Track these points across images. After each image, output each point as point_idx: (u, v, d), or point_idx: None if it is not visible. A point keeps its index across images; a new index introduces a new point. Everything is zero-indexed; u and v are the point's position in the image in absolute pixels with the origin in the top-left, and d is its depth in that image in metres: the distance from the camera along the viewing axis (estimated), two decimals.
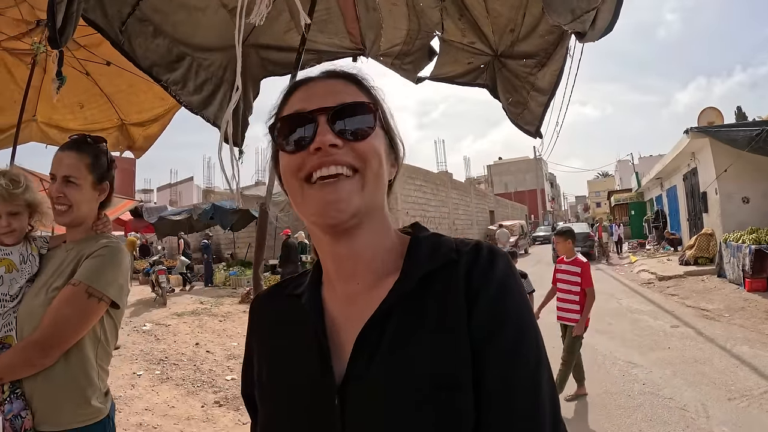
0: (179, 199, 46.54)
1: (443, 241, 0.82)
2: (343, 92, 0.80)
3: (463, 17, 2.92)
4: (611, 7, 1.90)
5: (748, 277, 10.29)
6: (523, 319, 0.73)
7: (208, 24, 2.81)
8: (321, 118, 0.76)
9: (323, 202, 0.75)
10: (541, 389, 0.69)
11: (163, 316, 10.46)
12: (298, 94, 0.82)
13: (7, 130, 3.72)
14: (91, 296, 1.65)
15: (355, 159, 0.76)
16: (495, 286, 0.73)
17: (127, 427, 4.75)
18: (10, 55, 3.38)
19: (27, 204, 1.88)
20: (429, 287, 0.75)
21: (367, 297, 0.79)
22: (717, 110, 16.88)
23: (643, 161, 47.88)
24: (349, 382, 0.73)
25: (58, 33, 1.75)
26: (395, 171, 0.86)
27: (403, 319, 0.74)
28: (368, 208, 0.78)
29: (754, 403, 4.79)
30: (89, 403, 1.66)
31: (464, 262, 0.76)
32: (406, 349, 0.71)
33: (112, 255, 1.76)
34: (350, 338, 0.76)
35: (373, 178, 0.77)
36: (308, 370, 0.77)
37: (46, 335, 1.60)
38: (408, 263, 0.79)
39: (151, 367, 6.91)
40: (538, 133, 3.18)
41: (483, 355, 0.69)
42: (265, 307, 0.94)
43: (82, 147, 1.83)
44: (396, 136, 0.85)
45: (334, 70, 0.84)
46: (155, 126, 4.02)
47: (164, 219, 18.91)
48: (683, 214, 19.16)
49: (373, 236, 0.81)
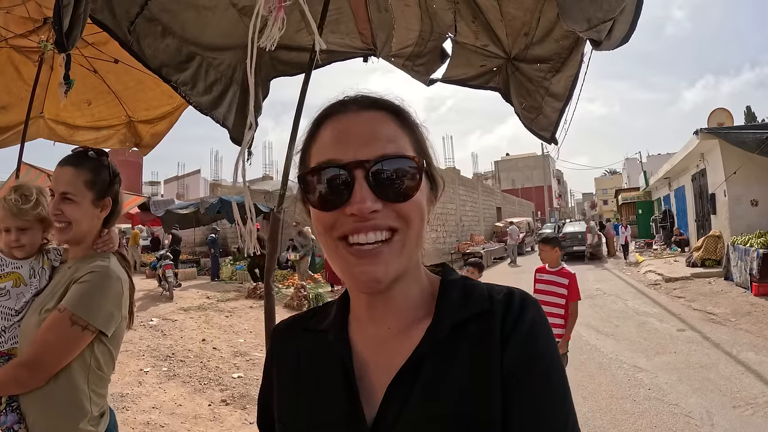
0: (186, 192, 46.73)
1: (474, 287, 0.80)
2: (383, 135, 0.71)
3: (477, 19, 2.88)
4: (629, 19, 1.85)
5: (756, 281, 10.19)
6: (550, 362, 0.72)
7: (218, 23, 2.77)
8: (358, 173, 0.69)
9: (360, 272, 0.71)
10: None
11: (170, 311, 10.47)
12: (329, 129, 0.74)
13: (15, 126, 3.71)
14: (75, 324, 1.59)
15: (396, 220, 0.71)
16: (525, 331, 0.72)
17: (134, 425, 4.76)
18: (18, 52, 3.36)
19: (39, 219, 1.85)
20: (462, 335, 0.74)
21: (398, 342, 0.77)
22: (727, 111, 16.77)
23: (651, 160, 47.52)
24: (379, 427, 0.71)
25: (65, 36, 1.73)
26: (433, 207, 0.81)
27: (436, 365, 0.73)
28: (405, 268, 0.74)
29: (759, 412, 4.75)
30: (77, 427, 1.63)
31: (499, 311, 0.74)
32: (439, 396, 0.70)
33: (99, 281, 1.69)
34: (380, 382, 0.74)
35: (414, 237, 0.73)
36: (337, 412, 0.75)
37: (32, 358, 1.59)
38: (440, 310, 0.77)
39: (158, 363, 6.92)
40: (554, 139, 3.13)
41: (511, 398, 0.68)
42: (286, 341, 0.91)
43: (82, 162, 1.77)
44: (435, 170, 0.78)
45: (372, 99, 0.75)
46: (163, 123, 4.00)
47: (171, 212, 18.94)
48: (691, 215, 19.02)
49: (408, 284, 0.78)
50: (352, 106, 0.74)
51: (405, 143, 0.73)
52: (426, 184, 0.75)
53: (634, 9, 1.83)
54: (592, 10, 1.80)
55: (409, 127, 0.75)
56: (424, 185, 0.74)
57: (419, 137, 0.76)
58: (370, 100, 0.75)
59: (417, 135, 0.76)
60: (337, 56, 3.34)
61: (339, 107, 0.75)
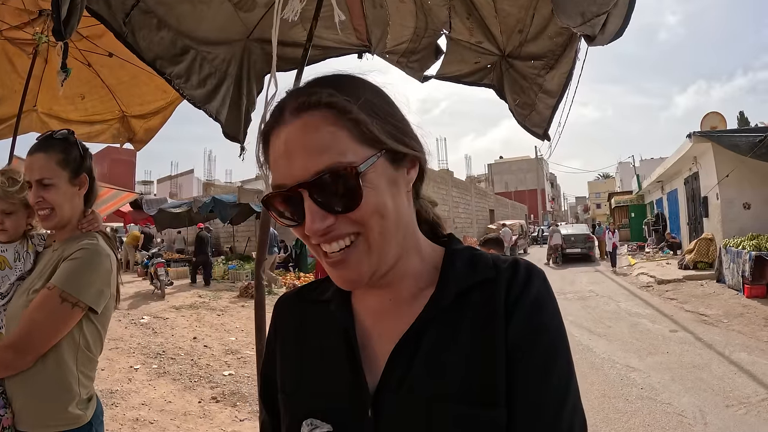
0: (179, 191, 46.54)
1: (481, 256, 0.80)
2: (315, 146, 0.68)
3: (471, 16, 2.88)
4: (622, 12, 1.86)
5: (748, 283, 10.27)
6: (555, 336, 0.72)
7: (213, 17, 2.77)
8: (304, 194, 0.68)
9: (336, 276, 0.74)
10: (568, 407, 0.69)
11: (161, 309, 10.43)
12: (274, 145, 0.72)
13: (7, 119, 3.68)
14: (65, 301, 1.59)
15: (353, 226, 0.70)
16: (530, 303, 0.72)
17: (123, 422, 4.73)
18: (12, 44, 3.33)
19: (24, 204, 1.84)
20: (466, 303, 0.74)
21: (401, 311, 0.78)
22: (720, 115, 16.88)
23: (644, 164, 47.90)
24: (382, 394, 0.71)
25: (62, 24, 1.72)
26: (415, 173, 0.79)
27: (440, 333, 0.73)
28: (384, 263, 0.74)
29: (752, 411, 4.78)
30: (66, 410, 1.62)
31: (503, 279, 0.74)
32: (442, 364, 0.71)
33: (89, 258, 1.68)
34: (382, 350, 0.75)
35: (377, 236, 0.71)
36: (340, 381, 0.76)
37: (19, 339, 1.57)
38: (444, 278, 0.77)
39: (148, 360, 6.89)
40: (546, 135, 3.14)
41: (515, 371, 0.69)
42: (289, 311, 0.92)
43: (50, 144, 1.76)
44: (399, 142, 0.74)
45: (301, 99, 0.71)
46: (156, 119, 3.98)
47: (164, 211, 18.86)
48: (683, 218, 19.13)
49: (402, 264, 0.78)
50: (286, 113, 0.71)
51: (343, 144, 0.68)
52: (383, 171, 0.72)
53: (628, 2, 1.85)
54: (586, 4, 1.81)
55: (347, 118, 0.69)
56: (378, 178, 0.70)
57: (362, 123, 0.70)
58: (299, 103, 0.71)
59: (360, 124, 0.70)
60: (331, 52, 3.34)
61: (277, 115, 0.73)
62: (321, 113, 0.69)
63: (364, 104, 0.71)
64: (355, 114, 0.69)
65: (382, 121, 0.72)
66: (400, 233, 0.75)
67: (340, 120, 0.69)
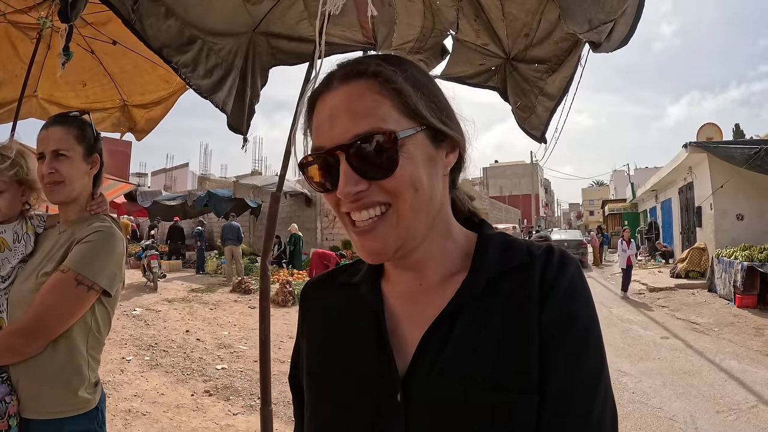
0: (174, 184, 46.27)
1: (514, 242, 0.80)
2: (359, 111, 0.69)
3: (479, 18, 2.89)
4: (629, 21, 1.87)
5: (739, 293, 10.36)
6: (588, 323, 0.71)
7: (221, 9, 2.76)
8: (341, 156, 0.69)
9: (360, 246, 0.74)
10: (599, 396, 0.68)
11: (154, 302, 10.40)
12: (318, 110, 0.74)
13: (8, 104, 3.65)
14: (80, 284, 1.57)
15: (385, 196, 0.70)
16: (564, 290, 0.72)
17: (115, 413, 4.71)
18: (15, 28, 3.30)
19: (17, 181, 1.79)
20: (498, 289, 0.74)
21: (431, 295, 0.78)
22: (716, 126, 16.94)
23: (638, 172, 48.14)
24: (413, 378, 0.71)
25: (69, 6, 1.72)
26: (454, 159, 0.79)
27: (472, 317, 0.73)
28: (411, 238, 0.74)
29: (742, 417, 4.83)
30: (76, 394, 1.59)
31: (538, 266, 0.74)
32: (474, 349, 0.71)
33: (104, 240, 1.67)
34: (412, 335, 0.75)
35: (408, 209, 0.71)
36: (369, 365, 0.76)
37: (31, 324, 1.53)
38: (477, 264, 0.77)
39: (140, 352, 6.86)
40: (543, 138, 3.17)
41: (547, 358, 0.69)
42: (317, 295, 0.92)
43: (67, 120, 1.77)
44: (441, 122, 0.74)
45: (349, 68, 0.73)
46: (158, 109, 3.96)
47: (158, 203, 18.79)
48: (677, 227, 19.25)
49: (431, 246, 0.78)
50: (335, 81, 0.73)
51: (385, 111, 0.70)
52: (422, 146, 0.72)
53: (635, 11, 1.86)
54: (594, 11, 1.81)
55: (391, 87, 0.70)
56: (416, 151, 0.71)
57: (405, 94, 0.71)
58: (347, 71, 0.73)
59: (404, 95, 0.71)
60: (336, 48, 3.33)
61: (326, 83, 0.75)
62: (367, 82, 0.71)
63: (410, 77, 0.73)
64: (400, 84, 0.71)
65: (426, 97, 0.74)
66: (432, 213, 0.75)
67: (385, 89, 0.70)
